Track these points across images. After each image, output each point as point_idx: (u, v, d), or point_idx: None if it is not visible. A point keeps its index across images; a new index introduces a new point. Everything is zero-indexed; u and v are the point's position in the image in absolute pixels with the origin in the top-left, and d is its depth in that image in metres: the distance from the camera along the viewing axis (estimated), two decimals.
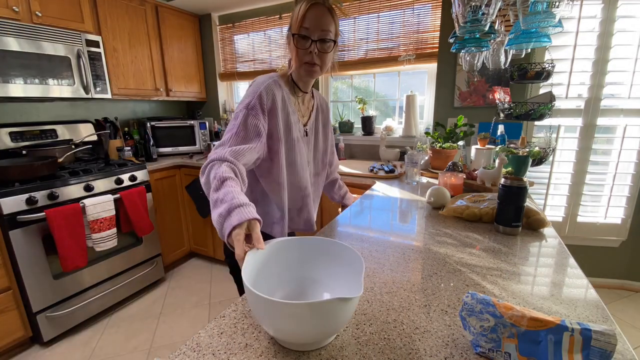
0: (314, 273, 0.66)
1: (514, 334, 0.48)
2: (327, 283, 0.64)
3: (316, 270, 0.65)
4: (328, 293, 0.63)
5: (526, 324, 0.47)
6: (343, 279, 0.61)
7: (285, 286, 0.64)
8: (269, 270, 0.62)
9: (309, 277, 0.66)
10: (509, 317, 0.49)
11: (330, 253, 0.64)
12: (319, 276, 0.65)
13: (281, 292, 0.63)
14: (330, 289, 0.63)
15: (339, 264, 0.62)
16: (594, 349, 0.43)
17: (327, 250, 0.64)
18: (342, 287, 0.61)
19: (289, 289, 0.64)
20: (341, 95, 2.69)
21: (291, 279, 0.65)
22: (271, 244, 0.63)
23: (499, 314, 0.49)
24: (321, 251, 0.65)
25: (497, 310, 0.50)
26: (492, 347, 0.49)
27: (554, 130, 1.94)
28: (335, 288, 0.63)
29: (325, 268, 0.65)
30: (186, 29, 2.82)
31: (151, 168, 2.28)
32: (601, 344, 0.43)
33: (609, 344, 0.43)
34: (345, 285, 0.60)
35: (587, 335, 0.44)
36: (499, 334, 0.49)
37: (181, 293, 2.31)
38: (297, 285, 0.65)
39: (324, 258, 0.65)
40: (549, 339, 0.46)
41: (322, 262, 0.65)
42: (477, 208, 1.09)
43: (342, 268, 0.61)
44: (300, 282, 0.65)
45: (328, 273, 0.64)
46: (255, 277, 0.58)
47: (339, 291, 0.62)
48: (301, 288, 0.65)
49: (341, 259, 0.62)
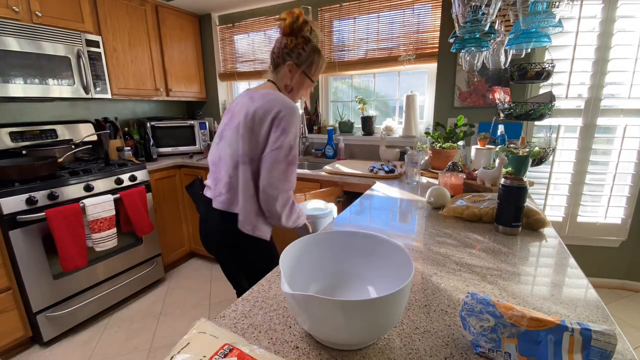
0: (351, 267, 0.67)
1: (514, 334, 0.48)
2: (366, 276, 0.65)
3: (353, 264, 0.67)
4: (372, 287, 0.63)
5: (526, 324, 0.47)
6: (382, 270, 0.62)
7: (322, 279, 0.66)
8: (303, 264, 0.64)
9: (347, 270, 0.67)
10: (509, 317, 0.49)
11: (371, 247, 0.65)
12: (358, 269, 0.66)
13: (319, 285, 0.65)
14: (371, 282, 0.64)
15: (378, 258, 0.64)
16: (594, 349, 0.43)
17: (368, 244, 0.66)
18: (382, 279, 0.62)
19: (326, 282, 0.66)
20: (341, 95, 2.69)
21: (327, 272, 0.67)
22: (306, 238, 0.65)
23: (499, 314, 0.49)
24: (361, 245, 0.66)
25: (497, 310, 0.50)
26: (492, 347, 0.50)
27: (554, 130, 1.94)
28: (374, 279, 0.64)
29: (364, 262, 0.66)
30: (186, 29, 2.82)
31: (151, 168, 2.28)
32: (601, 344, 0.43)
33: (609, 344, 0.43)
34: (384, 278, 0.61)
35: (587, 335, 0.44)
36: (499, 334, 0.49)
37: (181, 293, 2.31)
38: (334, 279, 0.66)
39: (362, 252, 0.66)
40: (549, 339, 0.46)
41: (360, 256, 0.66)
42: (477, 208, 1.09)
43: (381, 261, 0.63)
44: (338, 276, 0.67)
45: (368, 267, 0.66)
46: (291, 271, 0.60)
47: (381, 286, 0.62)
48: (338, 281, 0.66)
49: (380, 253, 0.63)
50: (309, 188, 2.05)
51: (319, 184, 2.01)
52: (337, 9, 2.38)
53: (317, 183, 2.02)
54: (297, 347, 0.53)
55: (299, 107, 1.10)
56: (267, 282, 0.73)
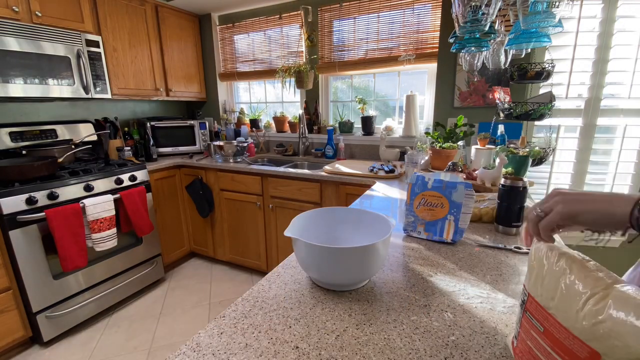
0: (345, 234, 0.85)
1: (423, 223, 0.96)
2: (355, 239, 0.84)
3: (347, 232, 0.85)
4: None
5: (429, 218, 0.94)
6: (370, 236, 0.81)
7: (325, 243, 0.83)
8: (310, 231, 0.82)
9: (342, 236, 0.85)
10: (421, 217, 0.95)
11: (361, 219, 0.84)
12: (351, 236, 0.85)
13: None
14: None
15: (368, 227, 0.82)
16: None
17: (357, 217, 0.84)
18: None
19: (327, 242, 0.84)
20: (341, 95, 2.69)
21: (327, 238, 0.84)
22: (308, 213, 0.82)
23: (416, 215, 0.96)
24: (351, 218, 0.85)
25: (415, 213, 0.96)
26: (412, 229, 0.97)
27: (554, 130, 1.94)
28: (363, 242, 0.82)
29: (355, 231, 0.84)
30: (186, 29, 2.82)
31: (151, 168, 2.28)
32: None
33: None
34: None
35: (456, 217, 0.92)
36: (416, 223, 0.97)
37: (181, 293, 2.31)
38: (333, 243, 0.84)
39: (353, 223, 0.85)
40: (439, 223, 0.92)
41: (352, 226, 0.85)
42: (477, 208, 1.09)
43: (370, 229, 0.82)
44: (335, 241, 0.85)
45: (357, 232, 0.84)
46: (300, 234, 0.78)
47: None
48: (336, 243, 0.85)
49: (368, 223, 0.82)
50: (308, 188, 2.05)
51: (319, 184, 2.01)
52: (337, 9, 2.38)
53: (317, 183, 2.02)
54: (297, 347, 0.53)
55: None
56: (267, 282, 0.73)
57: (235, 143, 2.48)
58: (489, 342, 0.53)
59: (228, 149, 2.45)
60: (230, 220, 2.47)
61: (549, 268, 0.42)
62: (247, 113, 3.09)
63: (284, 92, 2.90)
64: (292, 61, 2.64)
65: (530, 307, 0.44)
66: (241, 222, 2.42)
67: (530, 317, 0.44)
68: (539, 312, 0.42)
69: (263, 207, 2.29)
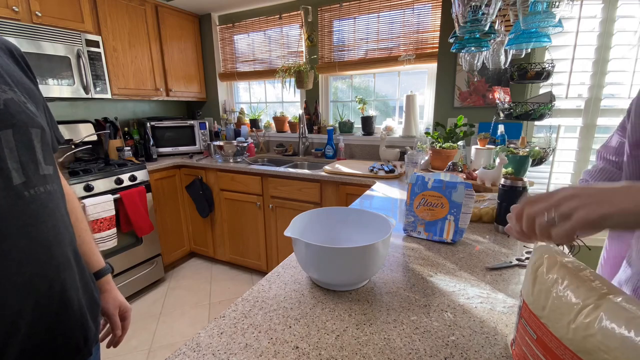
0: (346, 234, 0.85)
1: (423, 223, 0.95)
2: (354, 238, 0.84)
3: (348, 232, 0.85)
4: None
5: (429, 218, 0.94)
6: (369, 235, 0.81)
7: (324, 242, 0.82)
8: (309, 231, 0.82)
9: (341, 237, 0.85)
10: (421, 217, 0.95)
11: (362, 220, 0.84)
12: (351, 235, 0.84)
13: None
14: None
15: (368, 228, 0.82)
16: None
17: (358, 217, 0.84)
18: None
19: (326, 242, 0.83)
20: (341, 95, 2.69)
21: (327, 238, 0.84)
22: (307, 212, 0.82)
23: (416, 215, 0.96)
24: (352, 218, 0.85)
25: (415, 213, 0.96)
26: (412, 229, 0.97)
27: (554, 130, 1.94)
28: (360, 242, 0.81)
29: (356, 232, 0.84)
30: (186, 29, 2.82)
31: (151, 168, 2.28)
32: None
33: None
34: None
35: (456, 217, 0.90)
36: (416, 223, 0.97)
37: (181, 293, 2.31)
38: (333, 243, 0.83)
39: (354, 223, 0.85)
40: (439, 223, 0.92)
41: (353, 226, 0.85)
42: (477, 208, 1.09)
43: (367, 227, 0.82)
44: (335, 241, 0.84)
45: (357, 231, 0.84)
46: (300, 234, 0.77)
47: None
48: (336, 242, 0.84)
49: (368, 223, 0.82)
50: (308, 188, 2.05)
51: (319, 184, 2.01)
52: (337, 9, 2.38)
53: (317, 183, 2.02)
54: (297, 347, 0.53)
55: None
56: (267, 282, 0.73)
57: (235, 143, 2.48)
58: (488, 342, 0.53)
59: (228, 149, 2.45)
60: (230, 221, 2.47)
61: (540, 277, 0.41)
62: (247, 113, 3.09)
63: (284, 92, 2.90)
64: (292, 61, 2.64)
65: (524, 314, 0.44)
66: (241, 222, 2.42)
67: (525, 324, 0.44)
68: (532, 319, 0.42)
69: (263, 207, 2.29)
